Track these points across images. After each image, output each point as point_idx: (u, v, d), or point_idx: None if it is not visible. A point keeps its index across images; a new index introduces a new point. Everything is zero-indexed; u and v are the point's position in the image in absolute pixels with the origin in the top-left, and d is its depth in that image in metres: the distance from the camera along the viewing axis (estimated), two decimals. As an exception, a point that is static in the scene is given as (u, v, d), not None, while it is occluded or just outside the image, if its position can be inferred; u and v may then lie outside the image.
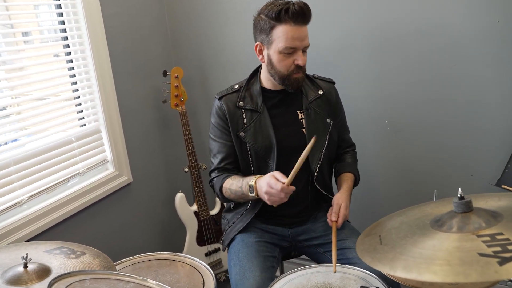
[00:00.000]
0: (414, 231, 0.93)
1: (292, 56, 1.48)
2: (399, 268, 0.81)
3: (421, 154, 1.97)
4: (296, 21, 1.43)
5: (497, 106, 1.78)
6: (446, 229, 0.89)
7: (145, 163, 2.26)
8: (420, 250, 0.84)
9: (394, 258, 0.85)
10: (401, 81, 1.92)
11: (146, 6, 2.22)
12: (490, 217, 0.87)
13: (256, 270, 1.45)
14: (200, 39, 2.32)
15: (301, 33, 1.45)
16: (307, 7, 1.46)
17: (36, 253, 1.31)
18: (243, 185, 1.51)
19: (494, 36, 1.71)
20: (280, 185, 1.37)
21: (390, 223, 1.05)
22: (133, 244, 2.19)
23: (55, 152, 1.78)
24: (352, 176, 1.66)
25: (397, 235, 0.95)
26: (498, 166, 1.82)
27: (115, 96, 2.02)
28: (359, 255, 0.93)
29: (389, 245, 0.91)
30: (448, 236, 0.86)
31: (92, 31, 1.89)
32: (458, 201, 0.91)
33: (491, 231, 0.83)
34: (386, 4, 1.85)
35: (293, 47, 1.46)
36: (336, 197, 1.55)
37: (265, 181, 1.41)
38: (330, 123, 1.63)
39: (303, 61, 1.49)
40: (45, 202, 1.75)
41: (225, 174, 1.62)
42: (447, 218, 0.92)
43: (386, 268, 0.83)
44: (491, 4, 1.68)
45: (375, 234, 1.00)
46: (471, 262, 0.75)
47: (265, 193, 1.40)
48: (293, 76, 1.52)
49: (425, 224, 0.95)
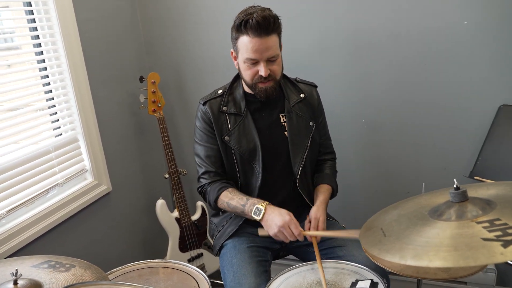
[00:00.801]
0: (415, 222, 0.98)
1: (256, 66, 1.50)
2: (409, 257, 0.85)
3: (397, 152, 2.06)
4: (255, 33, 1.43)
5: (465, 105, 1.89)
6: (446, 218, 0.94)
7: (123, 171, 2.21)
8: (425, 239, 0.89)
9: (402, 248, 0.89)
10: (377, 83, 2.00)
11: (119, 11, 2.19)
12: (485, 204, 0.94)
13: (250, 276, 1.46)
14: (175, 43, 2.30)
15: (261, 45, 1.44)
16: (269, 18, 1.42)
17: (23, 269, 1.26)
18: (247, 205, 1.52)
19: (462, 37, 1.81)
20: (299, 231, 1.44)
21: (387, 216, 1.09)
22: (115, 254, 2.14)
23: (32, 164, 1.71)
24: (330, 188, 1.68)
25: (399, 227, 0.99)
26: (468, 160, 1.93)
27: (91, 103, 1.97)
28: (365, 248, 0.96)
29: (393, 236, 0.96)
30: (449, 225, 0.91)
31: (67, 36, 1.84)
32: (454, 191, 0.97)
33: (489, 217, 0.89)
34: (362, 9, 1.92)
35: (253, 58, 1.47)
36: (313, 211, 1.56)
37: (284, 218, 1.44)
38: (313, 125, 1.67)
39: (265, 72, 1.47)
40: (24, 215, 1.68)
41: (220, 183, 1.62)
42: (445, 208, 0.97)
43: (396, 258, 0.87)
44: (458, 7, 1.78)
45: (376, 228, 1.04)
46: (477, 247, 0.80)
47: (279, 227, 1.43)
48: (258, 86, 1.53)
49: (424, 215, 1.00)
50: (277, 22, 1.46)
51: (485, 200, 0.96)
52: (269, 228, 1.46)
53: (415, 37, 1.88)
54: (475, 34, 1.79)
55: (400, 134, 2.03)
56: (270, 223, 1.46)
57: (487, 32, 1.77)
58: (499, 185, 1.06)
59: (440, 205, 1.00)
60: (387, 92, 1.99)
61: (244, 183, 1.65)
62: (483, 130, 1.85)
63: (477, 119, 1.88)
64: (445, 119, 1.94)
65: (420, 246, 0.87)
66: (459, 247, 0.82)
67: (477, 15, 1.77)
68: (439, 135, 1.97)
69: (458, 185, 0.97)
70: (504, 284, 2.05)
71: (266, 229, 1.48)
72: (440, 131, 1.96)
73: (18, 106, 1.74)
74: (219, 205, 1.61)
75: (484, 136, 1.82)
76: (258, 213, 1.48)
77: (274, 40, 1.47)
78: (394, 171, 2.10)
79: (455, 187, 0.97)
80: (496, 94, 1.83)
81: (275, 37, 1.47)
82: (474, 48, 1.81)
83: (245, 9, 1.48)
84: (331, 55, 2.03)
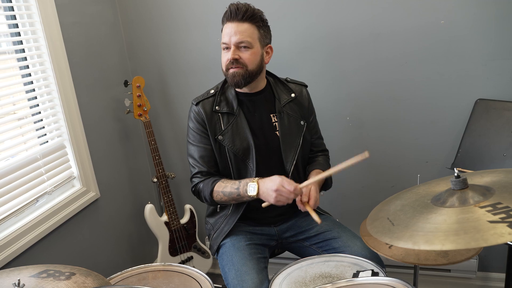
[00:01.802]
0: (420, 210, 1.03)
1: (228, 52, 1.57)
2: (421, 242, 0.90)
3: (381, 147, 2.13)
4: (228, 19, 1.55)
5: (444, 100, 1.98)
6: (449, 205, 1.00)
7: (110, 177, 2.18)
8: (434, 225, 0.94)
9: (413, 235, 0.94)
10: (360, 81, 2.06)
11: (100, 14, 2.16)
12: (484, 190, 1.00)
13: (252, 273, 1.48)
14: (158, 47, 2.29)
15: (232, 29, 1.54)
16: (242, 7, 1.54)
17: (23, 280, 1.23)
18: (241, 186, 1.54)
19: (439, 36, 1.91)
20: (294, 185, 1.44)
21: (391, 207, 1.14)
22: (105, 260, 2.11)
23: (21, 172, 1.67)
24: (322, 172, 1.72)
25: (405, 216, 1.04)
26: (448, 152, 2.03)
27: (77, 109, 1.94)
28: (376, 237, 1.00)
29: (401, 225, 1.00)
30: (454, 211, 0.97)
31: (51, 41, 1.80)
32: (455, 179, 1.03)
33: (490, 202, 0.95)
34: (342, 9, 1.98)
35: (224, 42, 1.56)
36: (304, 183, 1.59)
37: (276, 181, 1.46)
38: (304, 125, 1.71)
39: (231, 55, 1.55)
40: (14, 225, 1.64)
41: (212, 178, 1.63)
42: (447, 195, 1.03)
43: (409, 244, 0.91)
44: (435, 7, 1.87)
45: (382, 218, 1.09)
46: (485, 229, 0.86)
47: (275, 191, 1.44)
48: (229, 72, 1.59)
49: (427, 204, 1.06)
50: (253, 13, 1.54)
51: (484, 186, 1.03)
52: (268, 197, 1.48)
53: (395, 36, 1.95)
54: (452, 32, 1.88)
55: (383, 130, 2.11)
56: (267, 193, 1.48)
57: (462, 31, 1.87)
58: (492, 173, 1.13)
59: (442, 193, 1.06)
60: (370, 90, 2.06)
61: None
62: (461, 123, 1.95)
63: (456, 113, 1.98)
64: (425, 114, 2.03)
65: (430, 232, 0.92)
66: (468, 230, 0.87)
67: (452, 15, 1.86)
68: (420, 130, 2.06)
69: (459, 174, 1.03)
70: (485, 269, 2.16)
71: (266, 200, 1.51)
72: (421, 126, 2.05)
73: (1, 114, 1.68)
74: (214, 197, 1.61)
75: (463, 129, 1.91)
76: (253, 189, 1.52)
77: (247, 28, 1.54)
78: (379, 166, 2.17)
79: (456, 175, 1.03)
80: (472, 89, 1.93)
81: (248, 26, 1.54)
82: (451, 46, 1.91)
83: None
84: (313, 54, 2.08)
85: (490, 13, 1.82)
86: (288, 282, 1.39)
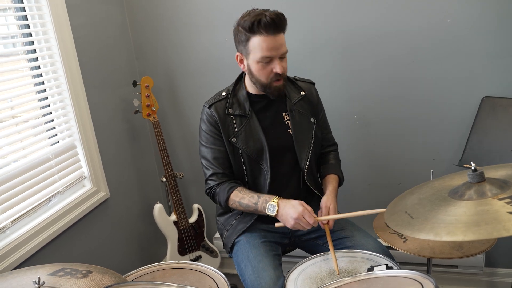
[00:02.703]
0: (439, 204, 1.05)
1: (270, 65, 1.54)
2: (443, 234, 0.91)
3: (387, 145, 2.16)
4: (269, 31, 1.47)
5: (451, 98, 2.01)
6: (467, 198, 1.02)
7: (119, 176, 2.19)
8: (454, 217, 0.96)
9: (434, 227, 0.95)
10: (367, 80, 2.09)
11: (109, 15, 2.17)
12: (501, 183, 1.02)
13: (269, 269, 1.50)
14: (166, 47, 2.31)
15: (276, 42, 1.50)
16: (280, 16, 1.49)
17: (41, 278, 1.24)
18: (259, 202, 1.56)
19: (445, 35, 1.93)
20: (313, 219, 1.48)
21: (407, 201, 1.16)
22: (116, 260, 2.12)
23: (33, 172, 1.68)
24: (337, 177, 1.75)
25: (424, 209, 1.06)
26: (455, 149, 2.05)
27: (88, 109, 1.95)
28: (396, 230, 1.02)
29: (421, 218, 1.02)
30: (473, 203, 0.99)
31: (62, 41, 1.81)
32: (472, 173, 1.05)
33: (508, 194, 0.97)
34: (349, 10, 2.01)
35: (269, 56, 1.51)
36: (323, 200, 1.63)
37: (297, 209, 1.48)
38: (314, 122, 1.73)
39: (281, 68, 1.53)
40: (28, 225, 1.65)
41: (228, 183, 1.65)
42: (465, 189, 1.05)
43: (431, 236, 0.93)
44: (442, 6, 1.90)
45: (400, 212, 1.11)
46: (506, 220, 0.87)
47: (294, 219, 1.47)
48: (273, 84, 1.57)
49: (445, 197, 1.08)
50: (285, 21, 1.52)
51: (500, 180, 1.05)
52: (286, 222, 1.51)
53: (402, 35, 1.98)
54: (457, 31, 1.91)
55: (390, 129, 2.13)
56: (285, 217, 1.50)
57: (467, 29, 1.90)
58: (506, 167, 1.15)
59: (459, 186, 1.08)
60: (377, 89, 2.09)
61: (252, 182, 1.68)
62: (468, 121, 1.97)
63: (462, 111, 2.00)
64: (432, 112, 2.05)
65: (451, 224, 0.94)
66: (489, 221, 0.89)
67: (458, 13, 1.89)
68: (427, 127, 2.08)
69: (476, 167, 1.05)
70: (492, 265, 2.19)
71: (283, 223, 1.53)
72: (428, 124, 2.07)
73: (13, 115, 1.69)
74: (230, 205, 1.63)
75: (470, 127, 1.94)
76: (272, 210, 1.53)
77: (283, 38, 1.53)
78: (386, 164, 2.19)
79: (473, 169, 1.05)
80: (479, 86, 1.95)
81: (283, 35, 1.53)
82: (457, 45, 1.93)
83: (248, 12, 1.52)
84: (321, 54, 2.10)
85: (494, 11, 1.85)
86: (304, 278, 1.41)
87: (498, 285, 2.20)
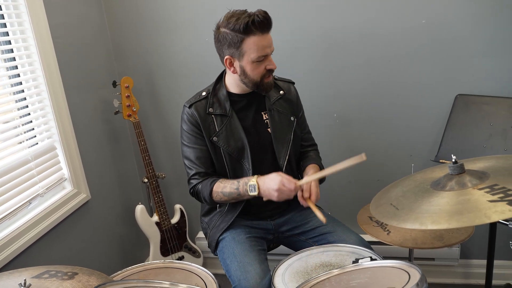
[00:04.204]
0: (422, 195, 1.10)
1: (263, 63, 1.56)
2: (428, 223, 0.95)
3: (367, 142, 2.21)
4: (263, 30, 1.51)
5: (426, 96, 2.08)
6: (449, 189, 1.07)
7: (100, 178, 2.16)
8: (437, 207, 1.00)
9: (418, 217, 1.00)
10: (347, 79, 2.13)
11: (87, 15, 2.14)
12: (480, 174, 1.07)
13: (255, 264, 1.51)
14: (145, 47, 2.29)
15: (269, 40, 1.54)
16: (268, 14, 1.52)
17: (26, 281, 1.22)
18: (240, 186, 1.57)
19: (422, 36, 2.00)
20: (294, 184, 1.50)
21: (392, 194, 1.20)
22: (98, 261, 2.09)
23: (13, 174, 1.64)
24: (317, 166, 1.77)
25: (408, 201, 1.10)
26: (430, 145, 2.12)
27: (67, 110, 1.92)
28: (383, 221, 1.06)
29: (406, 209, 1.06)
30: (454, 194, 1.04)
31: (41, 41, 1.78)
32: (453, 165, 1.10)
33: (487, 184, 1.02)
34: (333, 11, 2.05)
35: (265, 54, 1.54)
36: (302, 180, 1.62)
37: (276, 180, 1.50)
38: (294, 120, 1.76)
39: (274, 65, 1.58)
40: (8, 228, 1.60)
41: (210, 178, 1.66)
42: (446, 180, 1.10)
43: (416, 225, 0.97)
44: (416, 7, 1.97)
45: (385, 204, 1.15)
46: (486, 208, 0.92)
47: (276, 190, 1.49)
48: (265, 81, 1.60)
49: (427, 189, 1.12)
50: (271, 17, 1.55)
51: (479, 171, 1.10)
52: (271, 197, 1.53)
53: (381, 36, 2.04)
54: (433, 33, 1.98)
55: (369, 127, 2.19)
56: (268, 192, 1.52)
57: (443, 31, 1.97)
58: (483, 159, 1.21)
59: (440, 178, 1.13)
60: (357, 88, 2.14)
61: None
62: (443, 118, 2.05)
63: (438, 109, 2.08)
64: (409, 110, 2.12)
65: (435, 213, 0.98)
66: (471, 210, 0.94)
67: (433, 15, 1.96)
68: (404, 125, 2.15)
69: (456, 160, 1.10)
70: (466, 257, 2.27)
71: (268, 198, 1.54)
72: (405, 122, 2.14)
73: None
74: (214, 198, 1.64)
75: (445, 123, 2.01)
76: (253, 189, 1.55)
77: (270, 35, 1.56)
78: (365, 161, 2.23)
79: (453, 161, 1.10)
80: (453, 85, 2.03)
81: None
82: (433, 46, 2.00)
83: (230, 14, 1.51)
84: (303, 54, 2.14)
85: (469, 12, 1.93)
86: (291, 273, 1.43)
87: (473, 276, 2.29)
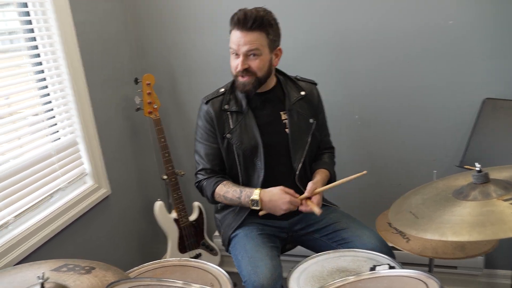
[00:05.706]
0: (443, 204, 1.06)
1: (235, 60, 1.58)
2: (449, 234, 0.92)
3: (388, 145, 2.16)
4: (238, 26, 1.52)
5: (452, 99, 2.01)
6: (472, 199, 1.03)
7: (121, 174, 2.19)
8: (459, 217, 0.97)
9: (439, 227, 0.96)
10: (366, 80, 2.09)
11: (111, 12, 2.17)
12: (506, 184, 1.03)
13: (266, 259, 1.50)
14: (167, 45, 2.31)
15: (241, 38, 1.52)
16: (251, 15, 1.50)
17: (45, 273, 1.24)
18: (242, 197, 1.60)
19: (445, 36, 1.94)
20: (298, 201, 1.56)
21: (411, 201, 1.17)
22: (117, 256, 2.12)
23: (35, 168, 1.67)
24: (327, 172, 1.73)
25: (428, 209, 1.07)
26: (455, 151, 2.06)
27: (90, 106, 1.95)
28: (401, 230, 1.03)
29: (426, 218, 1.03)
30: (477, 204, 1.00)
31: (65, 38, 1.80)
32: (477, 174, 1.06)
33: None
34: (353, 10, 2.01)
35: (233, 48, 1.56)
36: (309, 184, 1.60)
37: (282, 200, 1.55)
38: (313, 123, 1.73)
39: (240, 66, 1.55)
40: (30, 220, 1.64)
41: (215, 178, 1.68)
42: (469, 189, 1.06)
43: (436, 236, 0.94)
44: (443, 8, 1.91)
45: (404, 212, 1.11)
46: (511, 220, 0.88)
47: (285, 210, 1.54)
48: (238, 79, 1.60)
49: (449, 197, 1.08)
50: (261, 21, 1.51)
51: (504, 181, 1.06)
52: (276, 213, 1.57)
53: (404, 36, 1.98)
54: (459, 33, 1.91)
55: (391, 129, 2.14)
56: (274, 210, 1.56)
57: (471, 31, 1.90)
58: (510, 168, 1.16)
59: (463, 187, 1.09)
60: (379, 90, 2.09)
61: (245, 179, 1.69)
62: (469, 122, 1.98)
63: (464, 112, 2.01)
64: (434, 113, 2.06)
65: (456, 224, 0.94)
66: (495, 222, 0.90)
67: (460, 15, 1.90)
68: (428, 128, 2.09)
69: (481, 169, 1.06)
70: (491, 267, 2.20)
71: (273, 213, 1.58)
72: (429, 125, 2.08)
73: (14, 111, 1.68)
74: (216, 199, 1.67)
75: (471, 128, 1.95)
76: (256, 204, 1.57)
77: (256, 37, 1.52)
78: (386, 164, 2.20)
79: (478, 170, 1.06)
80: (480, 88, 1.96)
81: (257, 34, 1.52)
82: (459, 47, 1.94)
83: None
84: (319, 53, 2.10)
85: (494, 12, 1.86)
86: (306, 277, 1.41)
87: (497, 287, 2.22)
